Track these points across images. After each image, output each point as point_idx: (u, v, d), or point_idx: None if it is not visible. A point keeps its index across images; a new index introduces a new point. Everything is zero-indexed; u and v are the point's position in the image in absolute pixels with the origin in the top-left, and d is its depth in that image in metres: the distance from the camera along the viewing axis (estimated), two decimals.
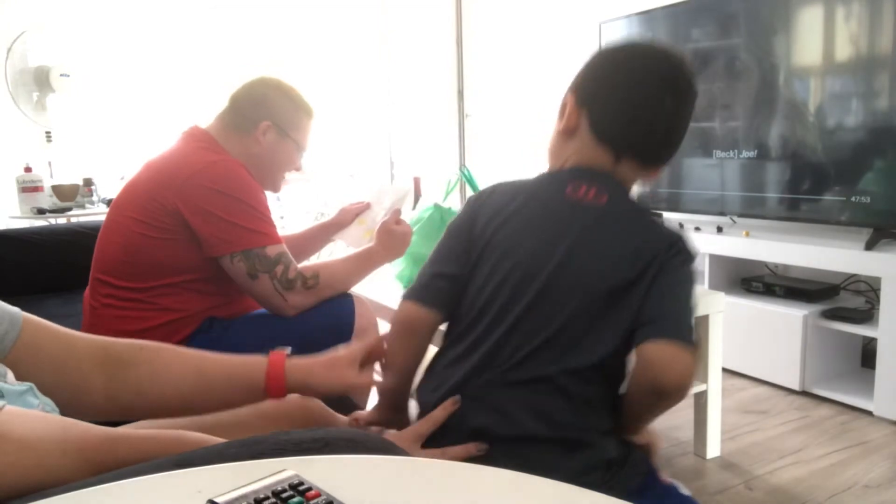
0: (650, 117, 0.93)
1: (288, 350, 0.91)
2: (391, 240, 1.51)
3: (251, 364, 0.88)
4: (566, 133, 0.97)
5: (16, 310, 0.75)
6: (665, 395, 0.84)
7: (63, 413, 0.69)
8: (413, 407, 1.00)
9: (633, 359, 0.88)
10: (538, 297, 0.88)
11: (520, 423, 0.87)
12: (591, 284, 0.88)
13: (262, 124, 1.41)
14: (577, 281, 0.89)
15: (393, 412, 1.02)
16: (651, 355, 0.83)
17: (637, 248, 0.89)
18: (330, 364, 0.91)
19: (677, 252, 0.90)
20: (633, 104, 0.93)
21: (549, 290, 0.88)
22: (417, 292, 0.99)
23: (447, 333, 0.99)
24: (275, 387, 0.87)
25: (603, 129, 0.94)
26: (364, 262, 1.48)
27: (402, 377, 1.00)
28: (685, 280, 0.90)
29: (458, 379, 0.91)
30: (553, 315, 0.88)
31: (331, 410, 1.00)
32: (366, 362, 0.96)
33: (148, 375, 0.83)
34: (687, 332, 0.84)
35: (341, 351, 0.93)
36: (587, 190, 0.93)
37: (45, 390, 0.69)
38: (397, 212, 1.55)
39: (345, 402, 1.20)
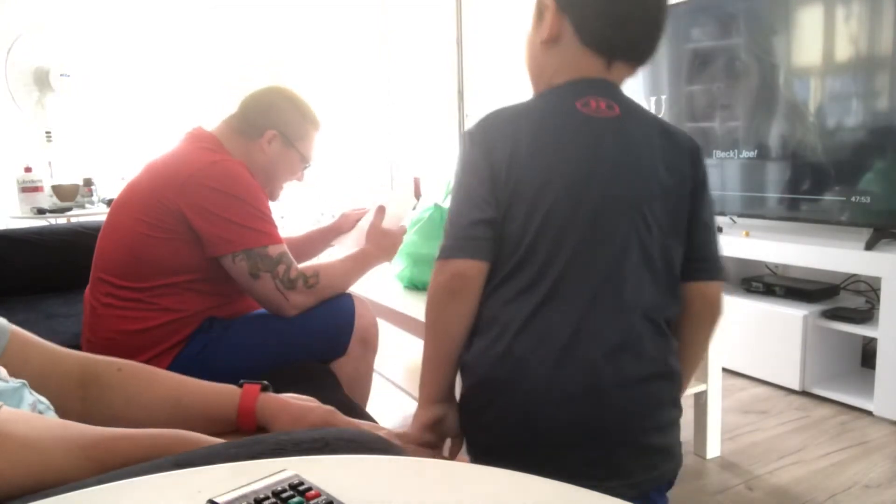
0: (637, 15, 0.88)
1: (264, 383, 0.89)
2: (384, 240, 1.52)
3: (225, 395, 0.87)
4: (549, 42, 0.91)
5: (3, 320, 0.75)
6: (715, 328, 0.95)
7: None
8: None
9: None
10: (592, 222, 0.84)
11: (622, 363, 0.82)
12: (642, 196, 0.86)
13: (268, 133, 1.42)
14: (626, 195, 0.85)
15: (445, 405, 0.93)
16: (713, 295, 0.92)
17: (668, 157, 0.89)
18: (296, 418, 0.87)
19: (704, 168, 0.92)
20: (619, 4, 0.88)
21: (602, 211, 0.84)
22: (461, 247, 0.87)
23: (487, 281, 0.89)
24: (245, 421, 0.86)
25: (591, 34, 0.88)
26: (360, 263, 1.48)
27: (455, 348, 0.90)
28: (712, 203, 0.94)
29: (527, 314, 0.83)
30: (613, 237, 0.84)
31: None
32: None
33: (123, 399, 0.82)
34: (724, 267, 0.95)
35: (317, 412, 0.88)
36: (597, 103, 0.88)
37: None
38: (381, 209, 1.56)
39: (354, 408, 1.20)
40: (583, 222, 0.84)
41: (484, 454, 0.88)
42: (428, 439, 0.92)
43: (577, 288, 0.83)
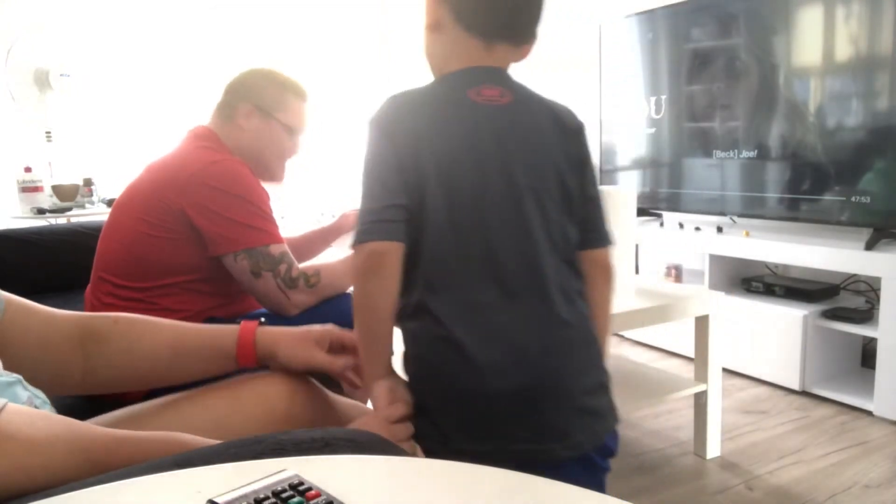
0: None
1: (261, 319, 0.91)
2: None
3: (223, 333, 0.88)
4: (433, 29, 0.94)
5: None
6: (612, 289, 1.01)
7: (46, 391, 0.69)
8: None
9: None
10: (500, 209, 0.87)
11: (549, 334, 0.87)
12: (540, 180, 0.90)
13: (242, 107, 1.40)
14: (526, 182, 0.88)
15: (391, 378, 0.93)
16: (603, 259, 0.99)
17: (559, 139, 0.92)
18: (300, 337, 0.89)
19: (588, 145, 0.96)
20: None
21: (507, 198, 0.88)
22: (373, 230, 0.87)
23: (411, 270, 0.90)
24: (244, 355, 0.87)
25: (467, 18, 0.91)
26: None
27: (383, 324, 0.90)
28: (596, 177, 0.99)
29: (457, 301, 0.87)
30: (520, 222, 0.88)
31: (321, 388, 0.99)
32: (337, 349, 0.94)
33: (122, 350, 0.84)
34: None
35: (316, 328, 0.92)
36: (490, 91, 0.90)
37: (29, 368, 0.69)
38: None
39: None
40: (491, 210, 0.87)
41: (433, 444, 0.89)
42: (395, 410, 0.89)
43: (499, 273, 0.87)
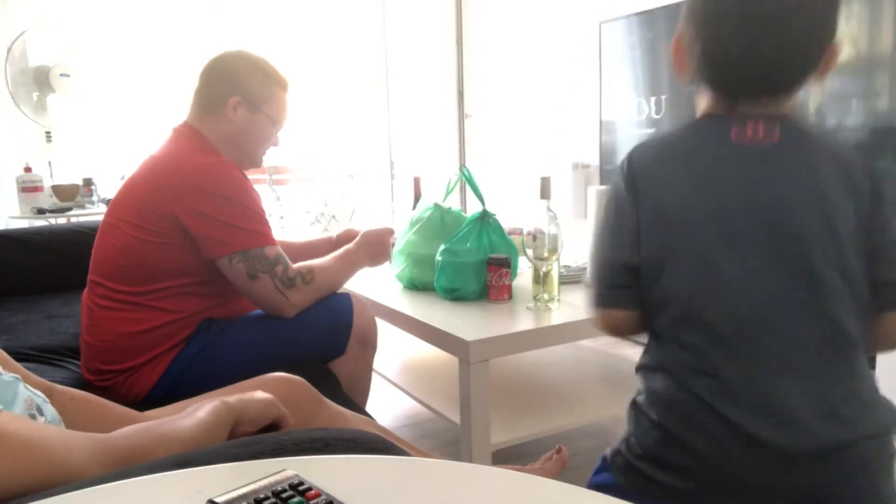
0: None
1: None
2: (374, 247, 1.55)
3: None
4: (684, 78, 0.82)
5: None
6: None
7: None
8: None
9: None
10: (766, 252, 0.76)
11: None
12: (806, 232, 0.76)
13: (231, 100, 1.39)
14: (811, 232, 0.76)
15: None
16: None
17: (841, 188, 0.79)
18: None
19: (883, 188, 0.82)
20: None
21: (770, 246, 0.77)
22: (613, 297, 0.85)
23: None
24: None
25: (715, 81, 0.80)
26: (349, 262, 1.49)
27: None
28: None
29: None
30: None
31: (314, 389, 0.99)
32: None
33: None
34: None
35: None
36: (755, 128, 0.77)
37: None
38: (390, 230, 1.62)
39: (340, 395, 1.20)
40: (753, 258, 0.77)
41: None
42: None
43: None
